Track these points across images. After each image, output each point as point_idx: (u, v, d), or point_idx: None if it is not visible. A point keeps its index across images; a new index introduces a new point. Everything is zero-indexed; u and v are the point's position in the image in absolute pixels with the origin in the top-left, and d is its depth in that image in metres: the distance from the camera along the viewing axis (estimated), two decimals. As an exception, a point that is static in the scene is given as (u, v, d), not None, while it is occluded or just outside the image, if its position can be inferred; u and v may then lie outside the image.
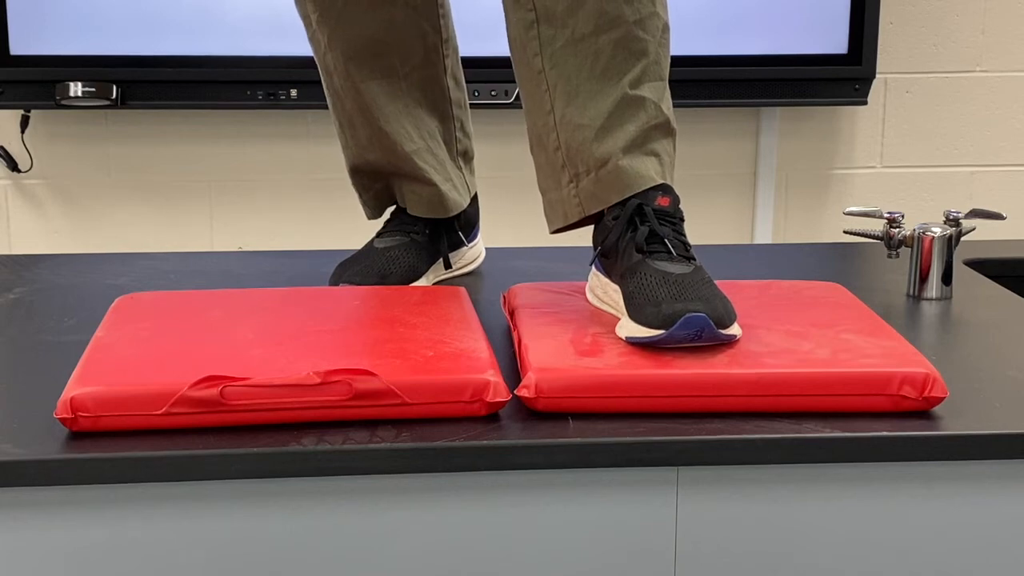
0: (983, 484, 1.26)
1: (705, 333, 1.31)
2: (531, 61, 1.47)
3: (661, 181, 1.45)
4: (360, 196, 1.78)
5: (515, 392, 1.27)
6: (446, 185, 1.74)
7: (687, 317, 1.30)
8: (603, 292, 1.46)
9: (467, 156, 1.81)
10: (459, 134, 1.79)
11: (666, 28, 1.47)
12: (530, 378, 1.27)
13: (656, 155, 1.46)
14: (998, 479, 1.26)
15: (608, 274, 1.46)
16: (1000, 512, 1.27)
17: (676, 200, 1.45)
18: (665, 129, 1.47)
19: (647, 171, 1.44)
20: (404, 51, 1.70)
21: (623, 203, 1.44)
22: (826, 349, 1.33)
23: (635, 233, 1.41)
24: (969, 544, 1.27)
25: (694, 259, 1.40)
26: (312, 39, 1.70)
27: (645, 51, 1.44)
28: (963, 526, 1.26)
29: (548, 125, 1.48)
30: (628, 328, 1.35)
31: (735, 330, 1.34)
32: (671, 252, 1.39)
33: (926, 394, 1.27)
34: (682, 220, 1.44)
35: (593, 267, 1.50)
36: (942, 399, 1.27)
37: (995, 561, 1.27)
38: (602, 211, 1.46)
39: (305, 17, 1.69)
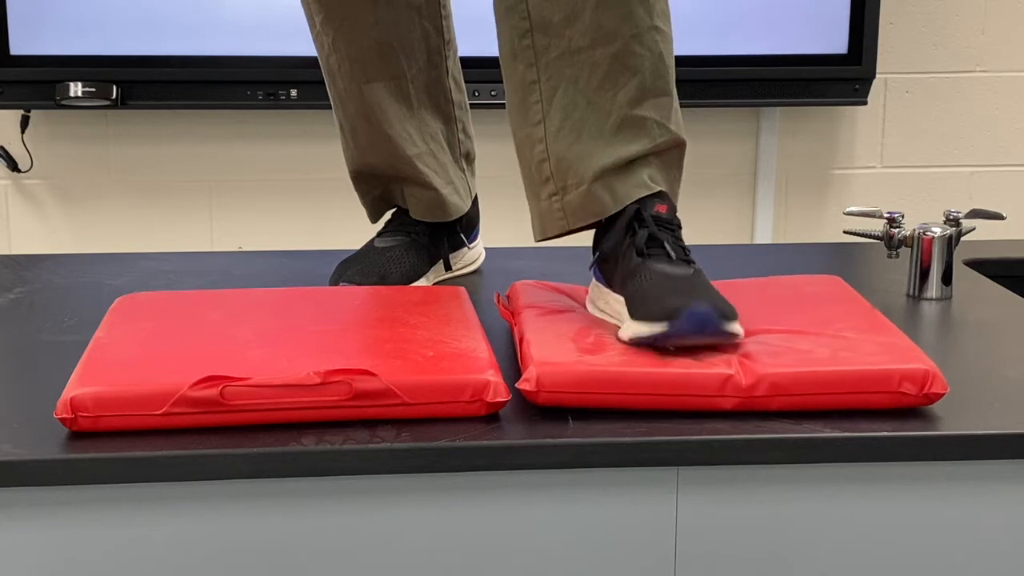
0: (983, 484, 1.26)
1: (708, 328, 1.29)
2: (524, 71, 1.46)
3: (658, 189, 1.44)
4: (361, 200, 1.78)
5: (516, 386, 1.27)
6: (447, 189, 1.74)
7: (691, 311, 1.29)
8: (604, 303, 1.45)
9: (469, 158, 1.81)
10: (461, 136, 1.79)
11: (667, 39, 1.45)
12: (531, 372, 1.27)
13: (654, 167, 1.45)
14: (998, 479, 1.26)
15: (609, 283, 1.44)
16: (1000, 512, 1.27)
17: (673, 208, 1.44)
18: (669, 145, 1.46)
19: (642, 182, 1.43)
20: (408, 53, 1.69)
21: (622, 210, 1.43)
22: (826, 348, 1.33)
23: (634, 237, 1.40)
24: (969, 544, 1.27)
25: (694, 262, 1.39)
26: (316, 40, 1.70)
27: (642, 66, 1.43)
28: (963, 526, 1.26)
29: (535, 136, 1.47)
30: (631, 328, 1.33)
31: (738, 328, 1.33)
32: (671, 255, 1.38)
33: (926, 390, 1.27)
34: (679, 227, 1.44)
35: (593, 278, 1.49)
36: (942, 395, 1.27)
37: (995, 561, 1.27)
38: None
39: (310, 18, 1.69)
